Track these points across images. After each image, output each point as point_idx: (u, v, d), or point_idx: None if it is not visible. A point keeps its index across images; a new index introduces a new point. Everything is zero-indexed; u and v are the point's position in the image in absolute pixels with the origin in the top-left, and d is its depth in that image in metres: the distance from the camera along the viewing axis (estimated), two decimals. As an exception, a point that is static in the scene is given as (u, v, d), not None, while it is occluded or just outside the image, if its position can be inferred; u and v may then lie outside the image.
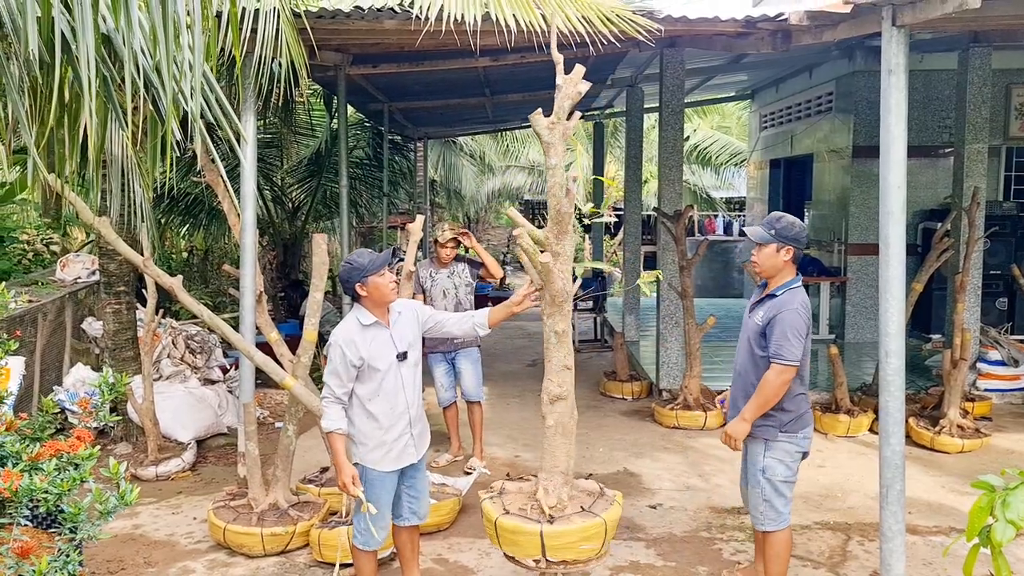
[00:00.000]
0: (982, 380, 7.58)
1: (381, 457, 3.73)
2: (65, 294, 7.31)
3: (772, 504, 3.80)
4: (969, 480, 5.62)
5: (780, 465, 3.78)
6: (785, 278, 3.76)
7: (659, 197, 7.91)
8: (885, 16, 3.50)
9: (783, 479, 3.79)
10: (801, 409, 3.77)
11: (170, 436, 6.31)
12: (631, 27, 4.93)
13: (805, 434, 3.79)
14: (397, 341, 3.74)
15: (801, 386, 3.77)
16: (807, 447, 3.83)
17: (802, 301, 3.70)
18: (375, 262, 3.64)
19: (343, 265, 3.73)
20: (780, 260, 3.72)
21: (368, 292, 3.65)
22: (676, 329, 7.66)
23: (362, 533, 3.79)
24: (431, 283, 6.06)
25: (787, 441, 3.76)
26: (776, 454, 3.78)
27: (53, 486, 2.41)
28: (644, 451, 6.46)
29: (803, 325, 3.66)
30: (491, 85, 9.34)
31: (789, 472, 3.79)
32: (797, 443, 3.78)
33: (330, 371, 3.64)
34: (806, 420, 3.80)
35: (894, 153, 3.51)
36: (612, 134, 17.59)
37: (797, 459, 3.81)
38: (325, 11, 5.01)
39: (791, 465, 3.79)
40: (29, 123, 2.73)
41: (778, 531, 3.82)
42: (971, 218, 6.98)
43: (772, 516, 3.81)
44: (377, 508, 3.72)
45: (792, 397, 3.74)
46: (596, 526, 3.44)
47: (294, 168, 11.03)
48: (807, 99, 10.89)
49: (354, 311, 3.73)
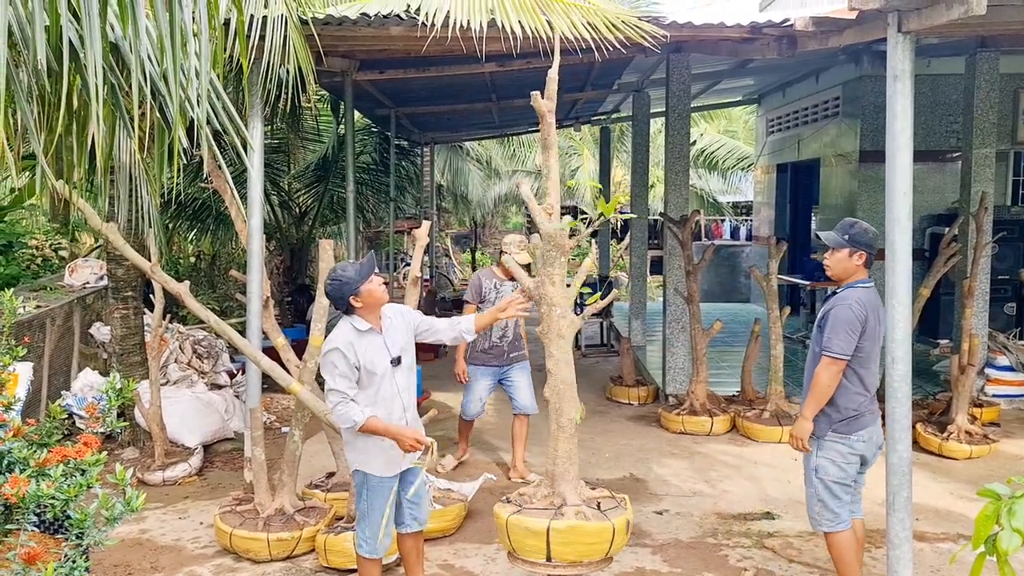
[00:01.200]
0: (990, 386, 7.55)
1: (382, 463, 3.73)
2: (73, 299, 7.35)
3: (826, 505, 3.76)
4: (977, 486, 5.58)
5: (832, 466, 3.74)
6: (854, 279, 3.78)
7: (665, 202, 7.91)
8: (891, 22, 3.50)
9: (835, 480, 3.74)
10: (858, 410, 3.71)
11: (177, 441, 6.33)
12: (637, 33, 4.94)
13: (860, 437, 3.72)
14: (390, 347, 3.75)
15: (860, 386, 3.71)
16: (863, 450, 3.76)
17: (859, 298, 3.68)
18: (362, 272, 3.63)
19: (330, 283, 3.67)
20: (852, 264, 3.75)
21: (362, 301, 3.64)
22: (682, 334, 7.65)
23: (367, 541, 3.79)
24: (496, 295, 5.79)
25: (839, 441, 3.73)
26: (828, 454, 3.75)
27: (60, 492, 2.43)
28: (650, 456, 6.44)
29: (855, 320, 3.63)
30: (497, 90, 9.36)
31: (843, 474, 3.75)
32: (850, 444, 3.72)
33: (337, 376, 3.59)
34: (863, 422, 3.73)
35: (900, 159, 3.51)
36: (618, 139, 17.59)
37: (852, 461, 3.76)
38: (332, 18, 5.03)
39: (845, 467, 3.74)
40: (38, 131, 2.75)
41: (835, 532, 3.78)
42: (979, 223, 6.95)
43: (828, 517, 3.77)
44: (379, 515, 3.72)
45: (847, 395, 3.70)
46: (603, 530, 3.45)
47: (301, 173, 11.08)
48: (814, 103, 10.87)
49: (346, 320, 3.71)
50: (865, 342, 3.68)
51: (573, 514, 3.44)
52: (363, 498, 3.77)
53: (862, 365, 3.71)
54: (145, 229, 5.45)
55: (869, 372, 3.74)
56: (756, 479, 5.91)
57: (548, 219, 3.43)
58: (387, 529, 3.79)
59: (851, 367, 3.71)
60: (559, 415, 3.52)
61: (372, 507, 3.74)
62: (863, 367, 3.71)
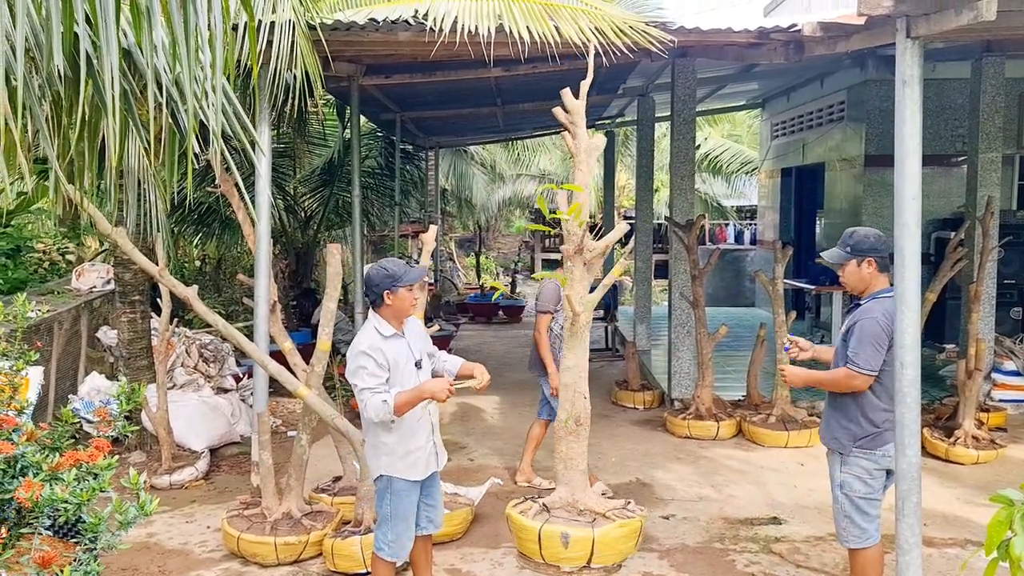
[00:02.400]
0: (997, 390, 7.53)
1: (409, 466, 3.72)
2: (80, 303, 7.37)
3: (853, 520, 3.69)
4: (984, 492, 5.60)
5: (857, 481, 3.68)
6: (874, 288, 3.73)
7: (671, 206, 7.92)
8: (899, 28, 3.50)
9: (862, 496, 3.68)
10: (882, 426, 3.66)
11: (184, 445, 6.35)
12: (644, 38, 4.95)
13: (885, 451, 3.66)
14: (414, 350, 3.77)
15: (887, 402, 3.64)
16: (888, 465, 3.68)
17: (886, 311, 3.62)
18: (410, 275, 3.64)
19: (376, 268, 3.67)
20: (864, 273, 3.72)
21: (393, 302, 3.64)
22: (688, 338, 7.65)
23: (390, 545, 3.76)
24: None
25: (863, 457, 3.67)
26: (853, 470, 3.69)
27: (73, 496, 2.44)
28: (656, 461, 6.44)
29: (882, 334, 3.58)
30: (503, 95, 9.38)
31: (869, 489, 3.68)
32: (875, 460, 3.67)
33: (366, 375, 3.54)
34: (888, 437, 3.66)
35: (909, 165, 3.51)
36: (623, 143, 17.60)
37: (878, 477, 3.70)
38: (340, 23, 5.05)
39: (870, 482, 3.68)
40: (51, 136, 2.77)
41: (863, 549, 3.71)
42: (985, 227, 6.94)
43: (856, 533, 3.70)
44: (403, 519, 3.73)
45: (873, 410, 3.65)
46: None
47: (307, 177, 11.10)
48: (819, 108, 10.88)
49: (372, 321, 3.70)
50: (889, 355, 3.62)
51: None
52: (386, 501, 3.75)
53: (887, 379, 3.64)
54: (153, 233, 5.47)
55: (892, 387, 3.65)
56: (762, 484, 5.90)
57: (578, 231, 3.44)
58: (409, 533, 3.80)
59: (879, 382, 3.64)
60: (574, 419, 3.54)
61: (396, 511, 3.73)
62: (887, 381, 3.64)
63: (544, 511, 4.49)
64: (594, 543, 4.21)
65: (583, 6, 5.09)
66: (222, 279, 11.77)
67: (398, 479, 3.71)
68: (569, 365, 4.41)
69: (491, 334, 13.42)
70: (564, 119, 4.13)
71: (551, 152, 19.50)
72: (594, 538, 4.24)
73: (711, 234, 19.75)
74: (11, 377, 2.98)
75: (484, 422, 7.62)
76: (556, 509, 4.49)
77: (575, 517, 4.41)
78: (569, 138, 4.17)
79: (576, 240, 4.10)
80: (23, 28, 2.02)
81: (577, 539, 4.26)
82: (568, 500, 4.50)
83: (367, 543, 4.38)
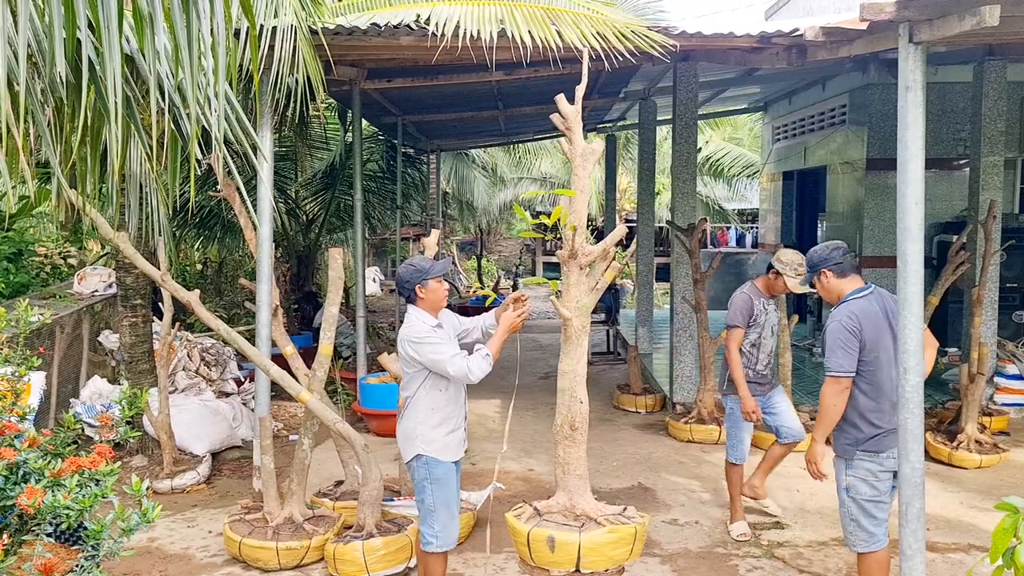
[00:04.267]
0: (999, 394, 7.52)
1: (443, 447, 3.81)
2: (82, 307, 7.37)
3: (860, 524, 3.67)
4: (987, 496, 5.59)
5: (863, 484, 3.66)
6: (844, 293, 3.78)
7: (672, 210, 7.91)
8: (902, 33, 3.49)
9: (868, 499, 3.65)
10: (882, 427, 3.65)
11: (185, 449, 6.34)
12: (646, 43, 4.95)
13: (890, 454, 3.64)
14: (451, 340, 3.91)
15: (878, 400, 3.65)
16: (894, 467, 3.66)
17: (851, 311, 3.66)
18: (435, 268, 3.84)
19: (405, 266, 3.86)
20: (826, 284, 3.84)
21: (426, 295, 3.81)
22: (690, 342, 7.64)
23: (438, 536, 3.83)
24: (764, 316, 4.99)
25: (868, 460, 3.65)
26: (857, 472, 3.67)
27: (75, 502, 2.43)
28: (659, 465, 6.43)
29: (847, 333, 3.60)
30: (504, 98, 9.38)
31: (875, 492, 3.66)
32: (879, 462, 3.65)
33: (442, 346, 3.69)
34: (891, 440, 3.63)
35: (912, 170, 3.50)
36: (624, 146, 17.61)
37: (884, 479, 3.67)
38: (342, 28, 5.05)
39: (876, 485, 3.65)
40: (54, 142, 2.77)
41: (870, 552, 3.68)
42: (987, 231, 6.94)
43: (863, 537, 3.67)
44: (446, 505, 3.82)
45: (869, 411, 3.64)
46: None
47: (308, 181, 11.12)
48: (820, 111, 10.88)
49: (415, 313, 3.83)
50: (868, 355, 3.62)
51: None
52: (428, 492, 3.81)
53: (874, 377, 3.64)
54: (155, 238, 5.47)
55: (885, 384, 3.66)
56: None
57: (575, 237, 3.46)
58: (454, 521, 3.89)
59: (862, 382, 3.64)
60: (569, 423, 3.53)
61: (438, 500, 3.81)
62: (875, 379, 3.64)
63: (537, 515, 4.49)
64: (580, 548, 4.19)
65: (585, 11, 5.08)
66: (223, 282, 11.77)
67: (435, 461, 3.79)
68: (565, 370, 4.40)
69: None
70: (561, 124, 4.14)
71: (552, 155, 19.51)
72: (580, 543, 4.23)
73: (712, 237, 19.76)
74: (13, 383, 2.98)
75: (485, 426, 7.61)
76: (552, 514, 4.48)
77: (568, 522, 4.40)
78: (566, 143, 4.17)
79: (569, 244, 4.10)
80: (25, 34, 2.02)
81: (563, 543, 4.24)
82: (566, 505, 4.49)
83: (369, 548, 4.38)
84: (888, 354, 3.67)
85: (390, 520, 4.73)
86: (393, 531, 4.58)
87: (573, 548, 4.23)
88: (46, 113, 2.92)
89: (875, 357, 3.63)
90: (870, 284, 3.78)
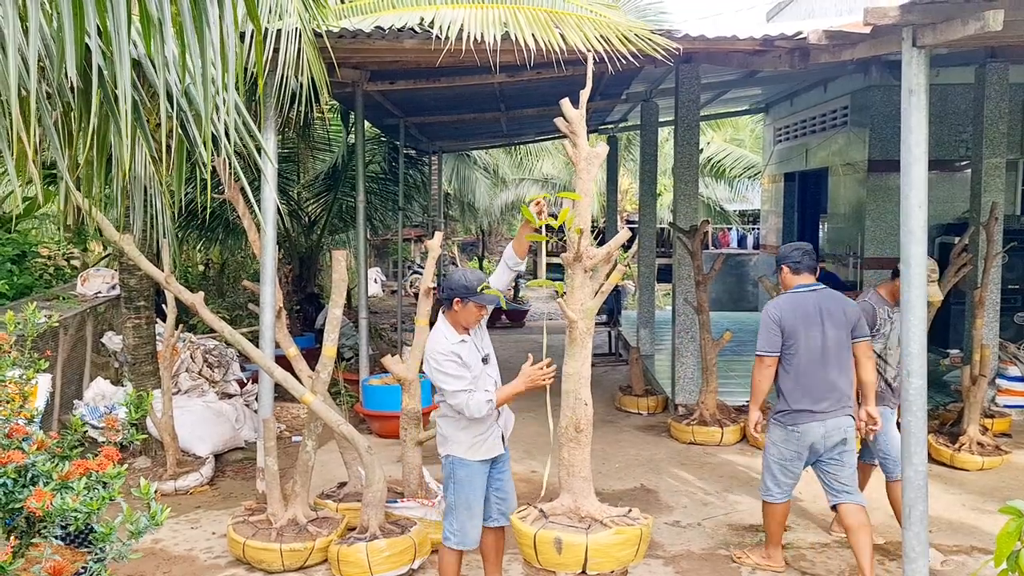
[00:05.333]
0: (1001, 396, 7.52)
1: (470, 448, 3.86)
2: (86, 309, 7.38)
3: (764, 478, 4.47)
4: (990, 498, 5.60)
5: (773, 446, 4.40)
6: (788, 289, 4.40)
7: (674, 212, 7.92)
8: (905, 37, 3.51)
9: (776, 460, 4.39)
10: (794, 407, 4.25)
11: (188, 450, 6.35)
12: (649, 46, 4.96)
13: (796, 429, 4.25)
14: (479, 348, 3.97)
15: (796, 384, 4.23)
16: (809, 442, 4.23)
17: (778, 303, 4.32)
18: (484, 297, 3.80)
19: (459, 275, 3.88)
20: (784, 278, 4.44)
21: (459, 311, 3.84)
22: (692, 344, 7.65)
23: (455, 534, 3.91)
24: (890, 327, 4.79)
25: (780, 428, 4.35)
26: (772, 435, 4.42)
27: (84, 505, 2.44)
28: (661, 467, 6.44)
29: (769, 321, 4.24)
30: (506, 100, 9.39)
31: (781, 455, 4.36)
32: (787, 434, 4.30)
33: (451, 378, 3.75)
34: (804, 418, 4.22)
35: (915, 173, 3.51)
36: (625, 147, 17.61)
37: (790, 449, 4.30)
38: (346, 31, 5.05)
39: (783, 450, 4.34)
40: (62, 146, 2.78)
41: (766, 502, 4.49)
42: (989, 233, 6.95)
43: (763, 488, 4.49)
44: (468, 507, 3.87)
45: (786, 391, 4.29)
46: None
47: (311, 183, 11.12)
48: (822, 113, 10.88)
49: (443, 325, 3.87)
50: (788, 341, 4.22)
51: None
52: (450, 490, 3.91)
53: (791, 362, 4.23)
54: (159, 240, 5.48)
55: (806, 374, 4.20)
56: (767, 490, 5.89)
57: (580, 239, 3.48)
58: (474, 522, 3.92)
59: (783, 365, 4.27)
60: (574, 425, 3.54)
61: (458, 500, 3.87)
62: (792, 364, 4.23)
63: (542, 517, 4.49)
64: (587, 549, 4.19)
65: (588, 14, 5.09)
66: (226, 283, 11.78)
67: (460, 461, 3.85)
68: (570, 372, 4.39)
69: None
70: (565, 128, 4.13)
71: (554, 156, 19.51)
72: (587, 544, 4.23)
73: (714, 238, 19.76)
74: (21, 386, 2.99)
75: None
76: (557, 516, 4.49)
77: (574, 523, 4.41)
78: (570, 147, 4.17)
79: (574, 247, 4.10)
80: (36, 42, 2.03)
81: (570, 545, 4.25)
82: (570, 507, 4.50)
83: (373, 550, 4.39)
84: (812, 345, 4.19)
85: (393, 522, 4.73)
86: (397, 533, 4.59)
87: (580, 550, 4.23)
88: (53, 117, 2.93)
89: (793, 344, 4.22)
90: (817, 284, 4.32)
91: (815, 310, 4.19)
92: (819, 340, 4.17)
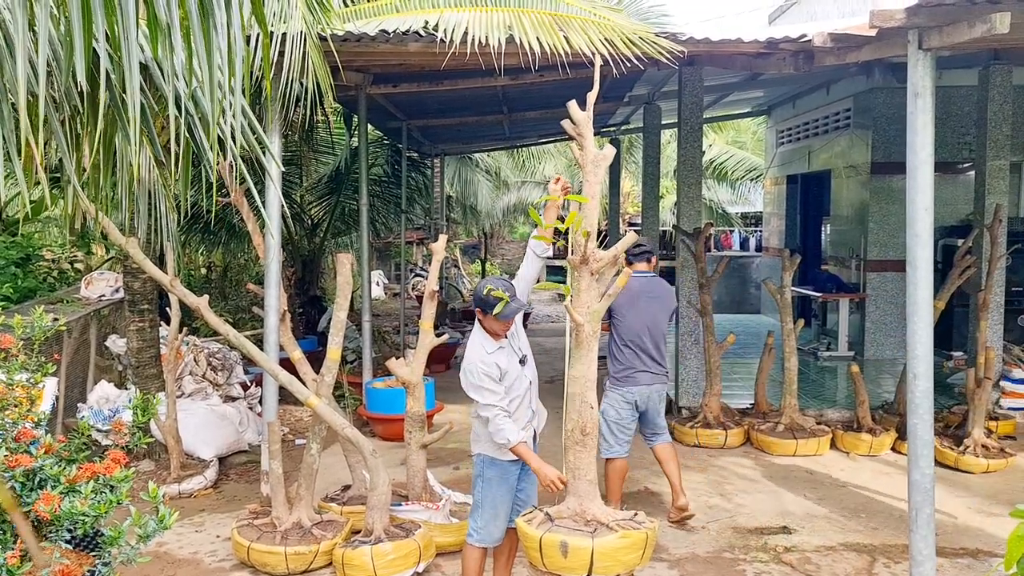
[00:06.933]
0: (1005, 399, 7.50)
1: (499, 447, 3.85)
2: (89, 312, 7.39)
3: (604, 437, 5.07)
4: (995, 500, 5.59)
5: (611, 409, 5.13)
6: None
7: (678, 214, 7.92)
8: (911, 40, 3.51)
9: (613, 420, 5.13)
10: (626, 368, 5.10)
11: (192, 453, 6.35)
12: (654, 49, 4.96)
13: (634, 392, 5.10)
14: (516, 350, 3.97)
15: (623, 348, 5.08)
16: (637, 402, 5.13)
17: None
18: (505, 312, 3.71)
19: (494, 281, 3.85)
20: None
21: (487, 323, 3.84)
22: (695, 347, 7.64)
23: (478, 531, 3.96)
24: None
25: (613, 390, 5.14)
26: (608, 399, 5.12)
27: (92, 509, 2.44)
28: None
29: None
30: (509, 103, 9.40)
31: (618, 416, 5.13)
32: (622, 395, 5.12)
33: (485, 391, 3.76)
34: (635, 380, 5.09)
35: (921, 176, 3.51)
36: (627, 149, 17.61)
37: (626, 409, 5.12)
38: (351, 34, 5.06)
39: (620, 411, 5.13)
40: (69, 150, 2.78)
41: (608, 458, 5.10)
42: (993, 235, 6.94)
43: (604, 447, 5.06)
44: (493, 506, 3.91)
45: (617, 353, 5.11)
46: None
47: (314, 185, 11.13)
48: (824, 115, 10.88)
49: (479, 336, 3.87)
50: (617, 314, 5.04)
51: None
52: (478, 488, 3.95)
53: (619, 329, 5.09)
54: (164, 243, 5.49)
55: (628, 336, 5.06)
56: (772, 492, 5.89)
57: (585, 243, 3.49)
58: (498, 522, 3.94)
59: (614, 332, 5.10)
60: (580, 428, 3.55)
61: (485, 499, 3.91)
62: (620, 331, 5.08)
63: (548, 520, 4.49)
64: (593, 553, 4.19)
65: (592, 17, 5.10)
66: (228, 286, 11.79)
67: (490, 461, 3.88)
68: (576, 375, 4.40)
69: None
70: (572, 130, 4.14)
71: (556, 159, 19.52)
72: (593, 548, 4.23)
73: (716, 241, 19.74)
74: (28, 389, 3.00)
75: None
76: (563, 519, 4.49)
77: (580, 527, 4.41)
78: (577, 149, 4.17)
79: (581, 250, 4.10)
80: (45, 48, 2.04)
81: (576, 548, 4.25)
82: (576, 510, 4.50)
83: (377, 553, 4.39)
84: (637, 317, 5.06)
85: (398, 525, 4.73)
86: (401, 536, 4.59)
87: (586, 554, 4.22)
88: (61, 118, 2.93)
89: (622, 316, 5.06)
90: (648, 273, 5.20)
91: (639, 292, 5.01)
92: (643, 314, 5.05)
